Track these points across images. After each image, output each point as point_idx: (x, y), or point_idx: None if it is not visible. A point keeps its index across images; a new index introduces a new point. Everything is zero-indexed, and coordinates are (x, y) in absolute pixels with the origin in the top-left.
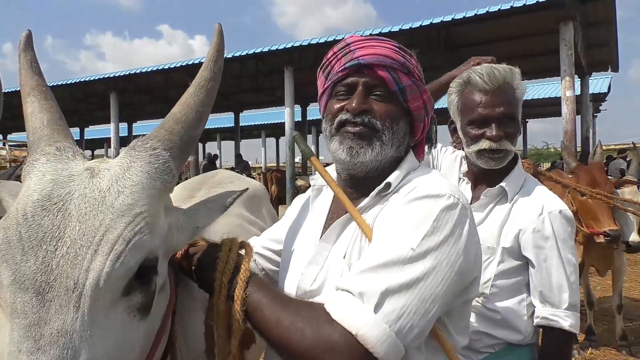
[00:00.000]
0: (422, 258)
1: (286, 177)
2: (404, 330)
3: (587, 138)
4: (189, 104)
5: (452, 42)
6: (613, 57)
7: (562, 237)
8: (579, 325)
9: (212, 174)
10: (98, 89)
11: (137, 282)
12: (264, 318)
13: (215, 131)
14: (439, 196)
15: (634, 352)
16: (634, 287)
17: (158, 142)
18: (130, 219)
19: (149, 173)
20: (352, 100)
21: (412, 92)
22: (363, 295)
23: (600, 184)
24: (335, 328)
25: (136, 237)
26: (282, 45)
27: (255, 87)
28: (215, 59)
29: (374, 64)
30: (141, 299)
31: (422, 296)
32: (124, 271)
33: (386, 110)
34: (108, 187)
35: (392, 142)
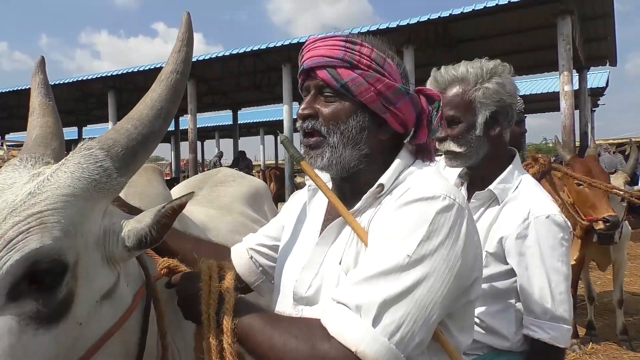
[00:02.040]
0: (419, 264)
1: (285, 174)
2: (405, 340)
3: (586, 133)
4: (146, 100)
5: (449, 38)
6: (611, 51)
7: (549, 244)
8: (566, 338)
9: (214, 172)
10: (95, 88)
11: (30, 287)
12: (256, 343)
13: (213, 129)
14: (434, 198)
15: (635, 347)
16: (634, 282)
17: (96, 142)
18: (21, 219)
19: (72, 173)
20: (301, 105)
21: (357, 86)
22: (360, 308)
23: (595, 175)
24: (333, 345)
25: (18, 237)
26: (280, 42)
27: (253, 85)
28: (178, 50)
29: (313, 66)
30: (37, 308)
31: (421, 303)
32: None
33: (330, 112)
34: (29, 190)
35: (344, 143)
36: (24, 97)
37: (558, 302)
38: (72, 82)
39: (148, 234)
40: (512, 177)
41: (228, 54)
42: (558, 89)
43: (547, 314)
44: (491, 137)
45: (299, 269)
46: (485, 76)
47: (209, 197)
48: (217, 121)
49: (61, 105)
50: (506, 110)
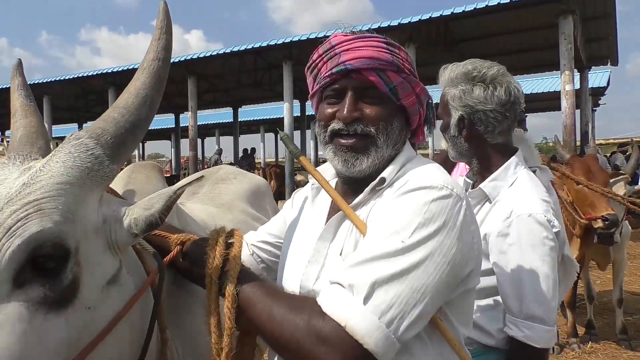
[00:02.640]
0: (413, 249)
1: (285, 172)
2: (395, 321)
3: (586, 132)
4: (130, 89)
5: (451, 36)
6: (612, 51)
7: (529, 243)
8: (545, 338)
9: (215, 170)
10: (96, 85)
11: (35, 273)
12: (256, 312)
13: (214, 126)
14: (431, 187)
15: (634, 346)
16: (633, 281)
17: (85, 131)
18: (18, 207)
19: (65, 162)
20: (343, 107)
21: (403, 90)
22: (353, 287)
23: (594, 174)
24: (327, 321)
25: (17, 224)
26: (281, 40)
27: (253, 82)
28: (158, 38)
29: (362, 68)
30: (44, 292)
31: (413, 287)
32: (3, 261)
33: (378, 114)
34: (23, 182)
35: (387, 144)
36: None
37: (535, 302)
38: (72, 78)
39: (158, 219)
40: (507, 174)
41: (229, 51)
42: (559, 89)
43: (522, 313)
44: (468, 138)
45: (304, 263)
46: (454, 81)
47: (210, 195)
48: (217, 119)
49: (61, 102)
50: (478, 116)
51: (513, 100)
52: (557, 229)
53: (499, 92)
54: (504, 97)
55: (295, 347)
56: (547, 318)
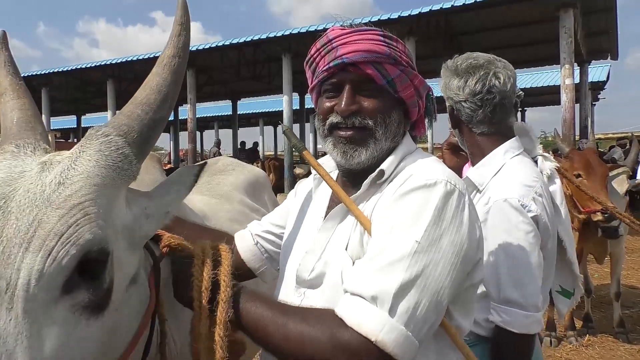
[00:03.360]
0: (428, 250)
1: (284, 165)
2: (418, 326)
3: (586, 127)
4: (151, 85)
5: (451, 29)
6: (613, 45)
7: (504, 228)
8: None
9: (214, 161)
10: (94, 77)
11: (81, 278)
12: (269, 335)
13: (213, 119)
14: (436, 184)
15: (631, 339)
16: (631, 275)
17: (112, 128)
18: (65, 212)
19: (97, 161)
20: (341, 101)
21: (401, 82)
22: (376, 299)
23: (594, 167)
24: (352, 335)
25: (70, 230)
26: (280, 32)
27: (253, 75)
28: (178, 34)
29: (358, 61)
30: (88, 297)
31: (432, 289)
32: (58, 268)
33: (376, 106)
34: (51, 180)
35: (386, 136)
36: None
37: (511, 286)
38: (71, 70)
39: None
40: (493, 161)
41: (228, 43)
42: (559, 83)
43: (499, 298)
44: (456, 129)
45: (302, 253)
46: (441, 74)
47: (208, 186)
48: (216, 111)
49: (60, 93)
50: (458, 107)
51: (488, 90)
52: (534, 213)
53: (470, 82)
54: (475, 87)
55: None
56: (525, 303)
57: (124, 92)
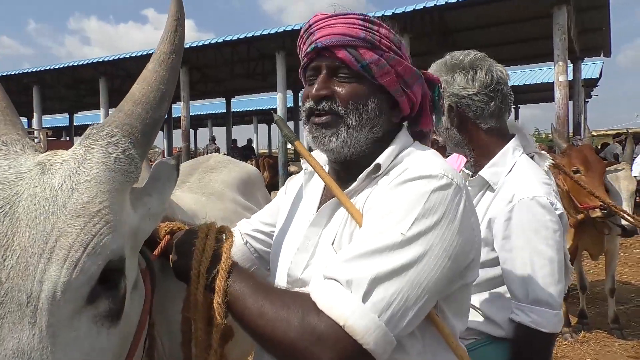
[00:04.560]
0: (413, 242)
1: (278, 163)
2: (395, 319)
3: (579, 123)
4: (149, 82)
5: (445, 26)
6: (605, 42)
7: (532, 227)
8: (552, 322)
9: (206, 158)
10: (87, 75)
11: (101, 287)
12: (246, 308)
13: (206, 117)
14: (431, 177)
15: (626, 335)
16: (625, 271)
17: (116, 128)
18: (87, 220)
19: (107, 164)
20: (313, 86)
21: (379, 67)
22: (351, 283)
23: (591, 163)
24: (322, 318)
25: (95, 240)
26: (274, 29)
27: (246, 73)
28: (174, 29)
29: (330, 45)
30: (109, 306)
31: (413, 282)
32: (84, 279)
33: (349, 92)
34: (60, 184)
35: (361, 124)
36: (11, 83)
37: (540, 285)
38: (63, 68)
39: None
40: (505, 160)
41: (222, 40)
42: (552, 80)
43: (528, 297)
44: (460, 128)
45: (293, 250)
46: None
47: (200, 184)
48: (210, 109)
49: (52, 91)
50: (465, 102)
51: (497, 81)
52: (560, 210)
53: (480, 75)
54: (485, 79)
55: (288, 345)
56: (553, 302)
57: (116, 90)
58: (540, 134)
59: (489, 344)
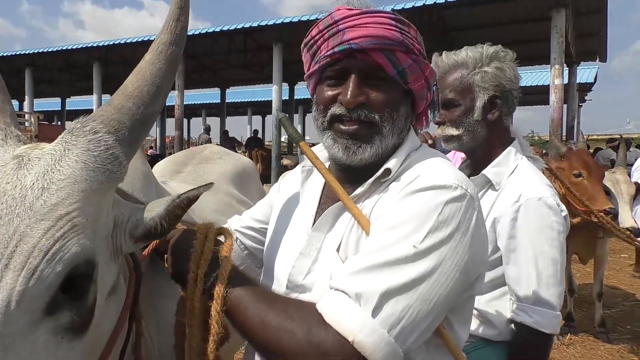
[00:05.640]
0: (426, 256)
1: (272, 155)
2: (404, 334)
3: (573, 127)
4: (145, 74)
5: (443, 25)
6: (602, 47)
7: (537, 227)
8: (553, 324)
9: (201, 149)
10: (81, 59)
11: (64, 297)
12: (247, 318)
13: (200, 107)
14: (445, 187)
15: (612, 339)
16: (612, 275)
17: (100, 124)
18: (51, 224)
19: (85, 163)
20: (346, 91)
21: (413, 72)
22: (360, 297)
23: (591, 167)
24: (329, 332)
25: (57, 246)
26: (272, 21)
27: (242, 64)
28: (176, 18)
29: (368, 48)
30: (71, 318)
31: (424, 297)
32: (41, 288)
33: (385, 100)
34: (32, 182)
35: (392, 132)
36: (3, 64)
37: (544, 286)
38: (56, 51)
39: (158, 225)
40: (508, 161)
41: (218, 30)
42: (546, 82)
43: (531, 298)
44: (489, 122)
45: (294, 255)
46: (485, 60)
47: (194, 175)
48: (204, 99)
49: (45, 75)
50: (505, 95)
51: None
52: (565, 212)
53: (517, 72)
54: (518, 74)
55: (292, 358)
56: (555, 303)
57: (110, 75)
58: (534, 136)
59: (483, 347)
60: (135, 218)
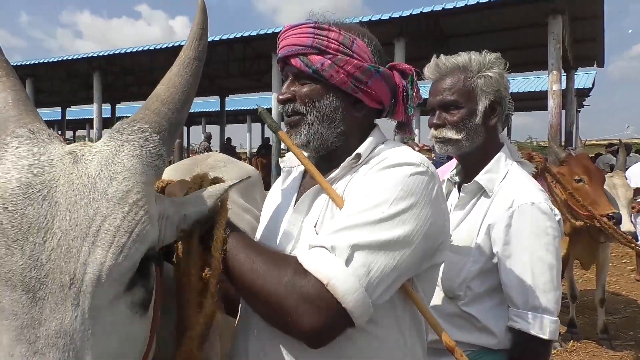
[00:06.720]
0: (392, 219)
1: (271, 162)
2: (372, 286)
3: (571, 133)
4: (174, 84)
5: (441, 32)
6: (599, 52)
7: (532, 232)
8: (551, 329)
9: (205, 157)
10: (81, 69)
11: (137, 275)
12: (238, 262)
13: (200, 115)
14: (409, 164)
15: (614, 346)
16: (614, 281)
17: (146, 124)
18: (129, 208)
19: (140, 158)
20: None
21: (327, 70)
22: (335, 249)
23: (592, 172)
24: (309, 279)
25: (138, 228)
26: (271, 29)
27: (242, 72)
28: (199, 37)
29: (287, 55)
30: (143, 294)
31: (390, 254)
32: (129, 265)
33: (306, 92)
34: (97, 172)
35: (319, 120)
36: None
37: (540, 292)
38: (57, 61)
39: (208, 217)
40: (499, 167)
41: (217, 39)
42: (544, 88)
43: (528, 304)
44: (488, 127)
45: (277, 236)
46: (488, 65)
47: None
48: (203, 107)
49: (45, 85)
50: (502, 102)
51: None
52: (559, 217)
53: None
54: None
55: (275, 302)
56: (552, 308)
57: (110, 85)
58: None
59: (484, 356)
60: (184, 213)
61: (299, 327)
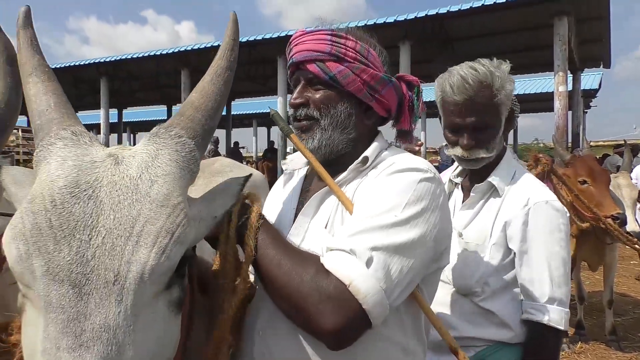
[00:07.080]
0: (405, 224)
1: (277, 166)
2: (390, 288)
3: (578, 134)
4: (207, 92)
5: (446, 34)
6: (605, 53)
7: (548, 229)
8: (565, 320)
9: (211, 162)
10: (88, 75)
11: (175, 275)
12: (267, 256)
13: None
14: (418, 169)
15: (623, 347)
16: (622, 283)
17: (182, 129)
18: (170, 211)
19: (177, 162)
20: (292, 95)
21: (344, 77)
22: (355, 252)
23: (596, 174)
24: (331, 278)
25: (179, 230)
26: (276, 34)
27: (247, 76)
28: (231, 48)
29: (302, 60)
30: (179, 294)
31: (405, 257)
32: (170, 265)
33: (321, 98)
34: (139, 174)
35: (333, 126)
36: None
37: (556, 285)
38: (64, 67)
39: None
40: (509, 167)
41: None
42: (551, 89)
43: (545, 297)
44: (504, 136)
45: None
46: (505, 77)
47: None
48: None
49: None
50: (514, 110)
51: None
52: (567, 214)
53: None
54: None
55: (298, 299)
56: (566, 300)
57: (116, 90)
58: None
59: (500, 350)
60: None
61: (320, 325)
